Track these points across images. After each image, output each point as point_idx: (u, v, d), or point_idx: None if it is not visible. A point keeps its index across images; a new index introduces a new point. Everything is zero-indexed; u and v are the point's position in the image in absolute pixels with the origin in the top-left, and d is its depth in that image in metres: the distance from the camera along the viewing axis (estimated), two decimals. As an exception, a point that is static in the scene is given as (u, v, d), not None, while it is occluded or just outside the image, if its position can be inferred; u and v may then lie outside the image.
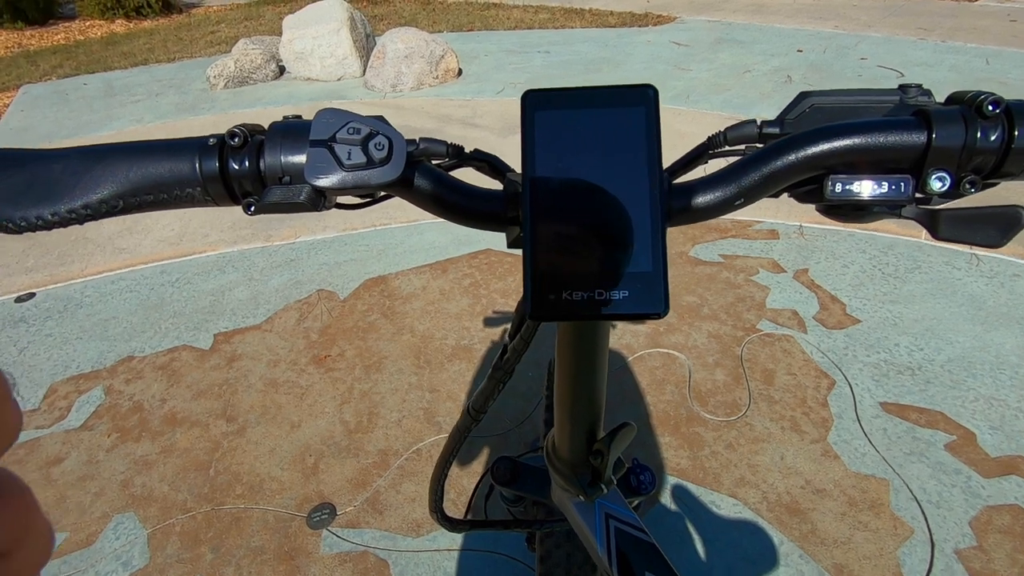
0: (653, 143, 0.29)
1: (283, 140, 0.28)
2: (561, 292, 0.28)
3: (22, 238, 2.68)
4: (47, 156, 0.29)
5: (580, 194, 0.28)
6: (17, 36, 7.27)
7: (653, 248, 0.27)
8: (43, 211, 0.27)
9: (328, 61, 4.72)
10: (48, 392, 1.81)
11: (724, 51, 4.84)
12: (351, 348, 1.92)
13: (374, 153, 0.27)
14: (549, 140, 0.29)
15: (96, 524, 1.41)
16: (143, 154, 0.29)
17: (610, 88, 0.29)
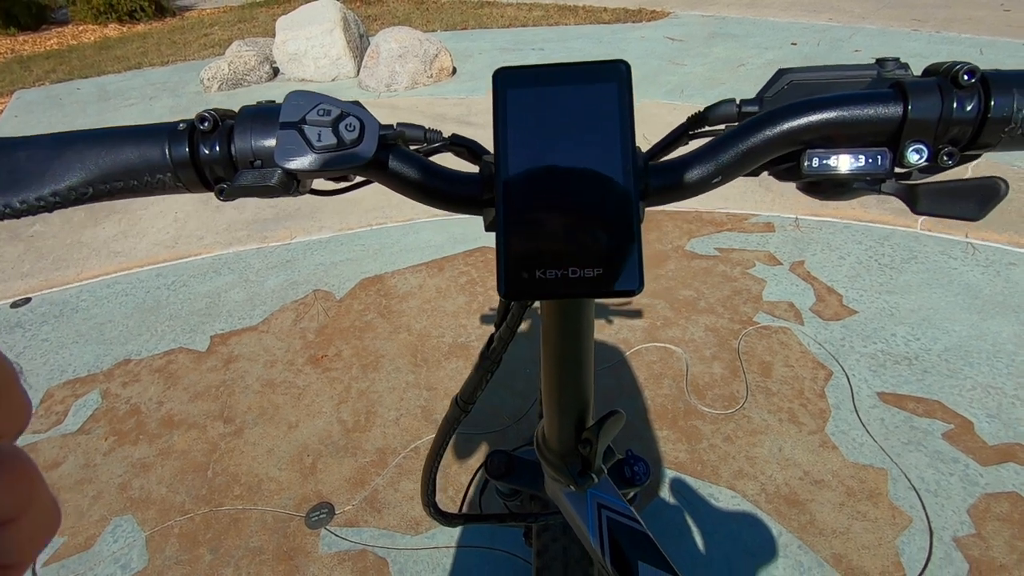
0: (626, 119, 0.28)
1: (253, 124, 0.28)
2: (535, 271, 0.27)
3: (18, 241, 2.67)
4: (12, 143, 0.28)
5: (553, 172, 0.28)
6: (10, 42, 7.25)
7: (627, 225, 0.27)
8: (10, 199, 0.27)
9: (322, 62, 4.71)
10: (45, 397, 1.81)
11: (718, 45, 4.84)
12: (348, 348, 1.91)
13: (345, 135, 0.27)
14: (521, 118, 0.29)
15: (94, 527, 1.41)
16: (112, 140, 0.28)
17: (582, 64, 0.29)
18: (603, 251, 0.27)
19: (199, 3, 9.18)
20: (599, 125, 0.28)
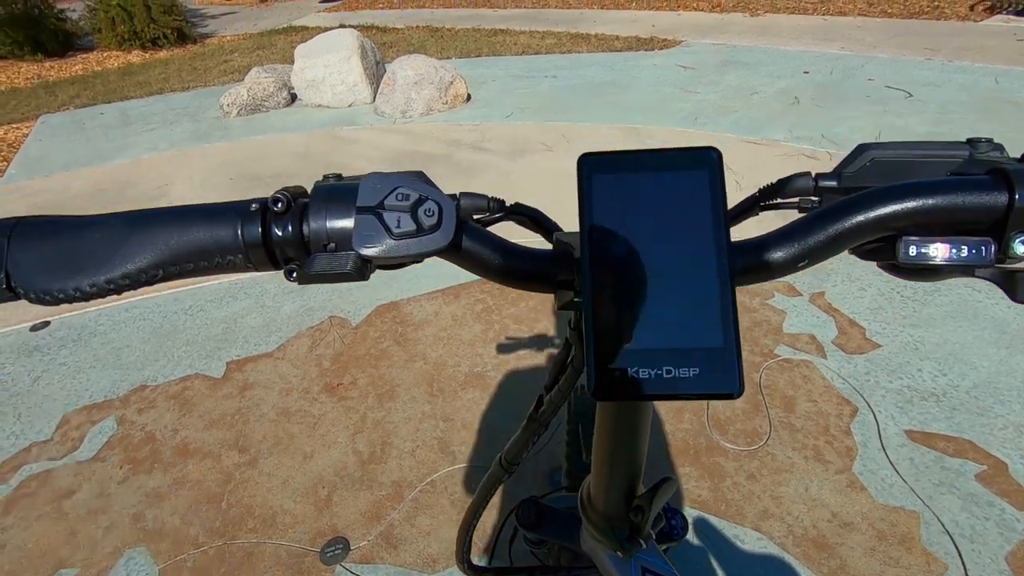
0: (719, 209, 0.27)
1: (328, 205, 0.27)
2: (627, 370, 0.26)
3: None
4: (84, 223, 0.28)
5: (643, 264, 0.27)
6: (37, 68, 7.47)
7: (723, 321, 0.26)
8: (81, 282, 0.27)
9: (339, 88, 4.80)
10: (61, 422, 1.81)
11: (730, 73, 4.88)
12: (364, 376, 1.90)
13: (424, 220, 0.26)
14: (607, 206, 0.28)
15: (107, 559, 1.39)
16: (183, 220, 0.28)
17: (671, 151, 0.28)
18: (699, 349, 0.26)
19: (219, 30, 9.43)
20: (690, 214, 0.27)
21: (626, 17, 7.83)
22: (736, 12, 7.51)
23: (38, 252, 0.27)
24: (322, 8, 10.97)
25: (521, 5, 9.56)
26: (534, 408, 0.51)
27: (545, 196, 2.99)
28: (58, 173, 3.90)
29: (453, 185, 3.20)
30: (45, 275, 0.27)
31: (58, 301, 0.27)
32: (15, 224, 0.28)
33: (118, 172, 3.80)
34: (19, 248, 0.27)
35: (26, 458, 1.69)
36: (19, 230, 0.28)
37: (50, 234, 0.27)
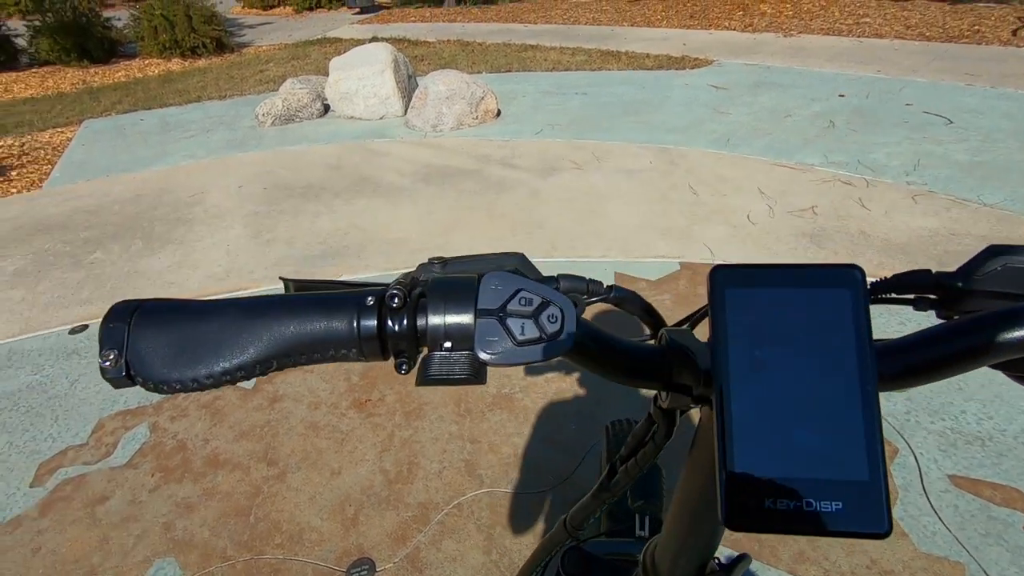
0: (863, 332, 0.26)
1: (447, 303, 0.27)
2: (763, 499, 0.25)
3: (79, 267, 2.78)
4: (202, 310, 0.28)
5: (781, 386, 0.26)
6: (83, 73, 7.74)
7: (869, 452, 0.25)
8: (198, 373, 0.27)
9: (371, 101, 4.88)
10: (96, 427, 1.84)
11: (763, 94, 4.84)
12: (391, 393, 1.91)
13: (547, 326, 0.26)
14: (742, 321, 0.27)
15: (137, 569, 1.41)
16: (299, 311, 0.28)
17: (810, 267, 0.27)
18: (842, 483, 0.25)
19: (256, 40, 9.69)
20: (832, 335, 0.26)
21: (657, 35, 7.83)
22: (769, 32, 7.46)
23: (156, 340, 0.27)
24: (355, 20, 11.20)
25: (552, 21, 9.63)
26: (606, 477, 0.50)
27: (575, 216, 2.98)
28: (99, 178, 4.02)
29: (480, 201, 3.23)
30: (162, 364, 0.27)
31: (174, 391, 0.27)
32: (136, 309, 0.28)
33: (156, 179, 3.91)
34: (138, 336, 0.27)
35: (62, 461, 1.73)
36: (139, 317, 0.28)
37: (168, 322, 0.28)
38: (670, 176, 3.38)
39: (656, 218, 2.90)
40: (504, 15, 10.62)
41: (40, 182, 4.05)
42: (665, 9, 9.90)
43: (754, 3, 9.57)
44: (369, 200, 3.32)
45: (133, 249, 2.95)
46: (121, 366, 0.27)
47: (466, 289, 0.27)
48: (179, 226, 3.17)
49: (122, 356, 0.27)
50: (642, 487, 0.81)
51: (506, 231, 2.88)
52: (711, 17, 8.81)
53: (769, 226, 2.75)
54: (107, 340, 0.27)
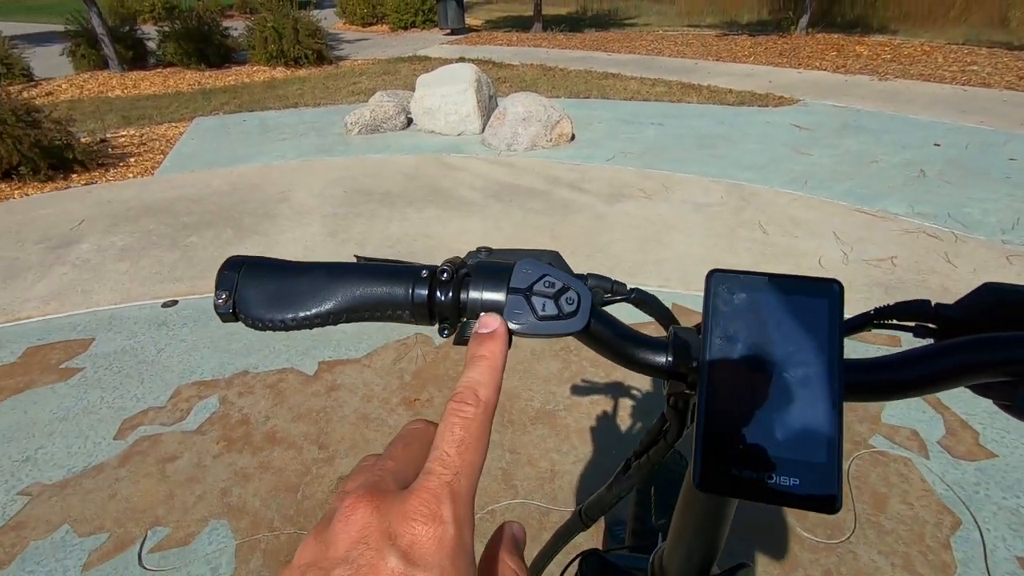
0: (835, 337, 0.30)
1: (486, 282, 0.32)
2: (730, 467, 0.29)
3: (176, 249, 3.06)
4: (295, 269, 0.35)
5: (757, 374, 0.30)
6: (198, 76, 8.53)
7: (829, 440, 0.28)
8: (286, 315, 0.33)
9: (452, 118, 5.09)
10: (174, 393, 2.02)
11: (849, 138, 4.66)
12: (440, 395, 1.98)
13: (564, 306, 0.30)
14: (730, 317, 0.31)
15: (195, 525, 1.53)
16: (369, 277, 0.34)
17: (795, 278, 0.31)
18: (801, 462, 0.28)
19: (352, 54, 10.34)
20: (808, 337, 0.30)
21: (742, 71, 7.72)
22: (863, 75, 7.19)
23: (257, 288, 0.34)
24: (446, 41, 11.73)
25: (635, 52, 9.70)
26: (621, 470, 0.53)
27: (637, 244, 2.99)
28: (202, 170, 4.41)
29: (545, 221, 3.29)
30: (259, 306, 0.33)
31: (265, 328, 0.34)
32: (244, 262, 0.35)
33: (250, 175, 4.25)
34: (245, 283, 0.34)
35: (142, 420, 1.91)
36: (246, 268, 0.35)
37: (267, 275, 0.34)
38: (740, 213, 3.32)
39: (721, 254, 2.86)
40: (588, 43, 10.80)
41: (153, 170, 4.49)
42: (754, 45, 9.74)
43: (849, 44, 9.25)
44: (440, 211, 3.46)
45: (223, 237, 3.22)
46: (229, 304, 0.34)
47: (502, 271, 0.32)
48: (265, 220, 3.43)
49: (231, 297, 0.34)
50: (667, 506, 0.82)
51: (567, 251, 2.92)
52: (802, 56, 8.58)
53: (841, 272, 2.65)
54: (221, 283, 0.34)
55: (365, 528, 0.20)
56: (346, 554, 0.20)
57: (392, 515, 0.21)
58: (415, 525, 0.20)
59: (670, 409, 0.44)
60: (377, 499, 0.21)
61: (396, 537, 0.20)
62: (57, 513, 1.58)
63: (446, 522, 0.21)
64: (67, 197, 3.94)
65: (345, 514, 0.21)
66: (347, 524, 0.21)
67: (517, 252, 0.36)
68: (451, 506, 0.21)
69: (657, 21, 14.53)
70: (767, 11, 13.17)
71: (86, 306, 2.57)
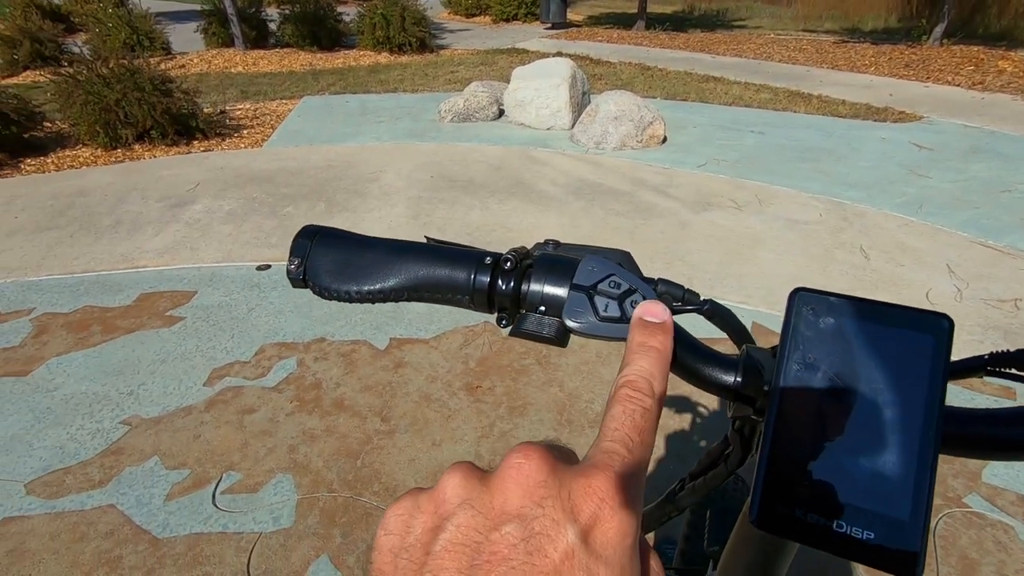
0: (937, 380, 0.26)
1: (548, 275, 0.31)
2: (794, 508, 0.26)
3: (274, 217, 3.28)
4: (363, 243, 0.36)
5: (837, 408, 0.26)
6: (310, 57, 9.07)
7: (915, 496, 0.24)
8: (351, 288, 0.34)
9: (543, 112, 5.09)
10: (258, 351, 2.17)
11: (978, 162, 4.19)
12: (501, 385, 1.99)
13: (628, 309, 0.29)
14: (812, 342, 0.28)
15: (263, 476, 1.64)
16: (432, 258, 0.34)
17: (897, 307, 0.27)
18: (880, 515, 0.25)
19: (453, 43, 10.58)
20: (904, 376, 0.26)
21: (860, 81, 7.15)
22: (1004, 93, 6.44)
23: (328, 258, 0.35)
24: (545, 35, 11.73)
25: (742, 55, 9.24)
26: (675, 489, 0.51)
27: (721, 256, 2.86)
28: (304, 145, 4.69)
29: (625, 223, 3.22)
30: (328, 276, 0.34)
31: (330, 298, 0.35)
32: (317, 232, 0.36)
33: (346, 154, 4.46)
34: (317, 252, 0.35)
35: (229, 371, 2.07)
36: (319, 238, 0.36)
37: (338, 246, 0.35)
38: (840, 234, 3.09)
39: (813, 275, 2.67)
40: (692, 44, 10.41)
41: (262, 142, 4.84)
42: (876, 55, 8.99)
43: (991, 59, 8.31)
44: (521, 203, 3.48)
45: (316, 209, 3.41)
46: (301, 271, 0.35)
47: (567, 266, 0.31)
48: (355, 197, 3.60)
49: (303, 264, 0.35)
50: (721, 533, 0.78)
51: (645, 256, 2.84)
52: (931, 69, 7.82)
53: (952, 310, 2.40)
54: (295, 250, 0.36)
55: (541, 487, 0.18)
56: (519, 511, 0.17)
57: (574, 486, 0.18)
58: (602, 506, 0.18)
59: (734, 433, 0.41)
60: (551, 460, 0.19)
61: (576, 512, 0.17)
62: (150, 445, 1.74)
63: (634, 514, 0.18)
64: (188, 161, 4.33)
65: (517, 463, 0.18)
66: (520, 475, 0.18)
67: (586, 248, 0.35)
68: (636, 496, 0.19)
69: (769, 24, 13.74)
70: (896, 18, 12.09)
71: (193, 261, 2.82)
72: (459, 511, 0.18)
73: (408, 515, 0.19)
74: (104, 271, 2.73)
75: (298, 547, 1.44)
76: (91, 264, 2.79)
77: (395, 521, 0.19)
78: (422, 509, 0.19)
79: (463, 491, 0.19)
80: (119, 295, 2.53)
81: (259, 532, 1.48)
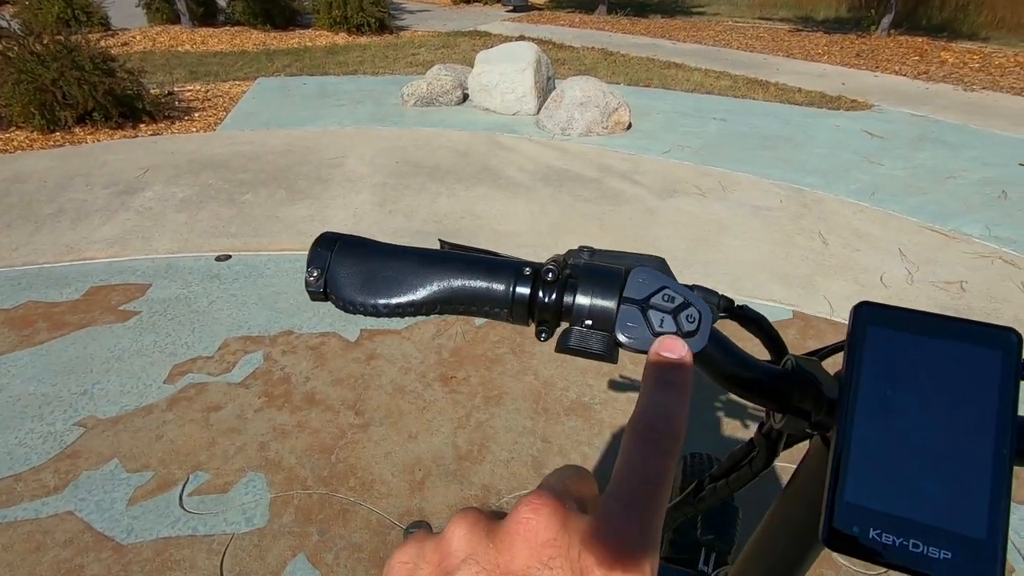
0: (1007, 395, 0.26)
1: (595, 287, 0.30)
2: (869, 528, 0.25)
3: (233, 205, 3.15)
4: (388, 252, 0.33)
5: (908, 425, 0.26)
6: (263, 36, 8.69)
7: (992, 511, 0.24)
8: (378, 301, 0.31)
9: (508, 97, 5.03)
10: (222, 345, 2.09)
11: (926, 150, 4.39)
12: (476, 375, 1.98)
13: (684, 324, 0.27)
14: (879, 357, 0.27)
15: (234, 475, 1.59)
16: (467, 267, 0.32)
17: (964, 321, 0.27)
18: (956, 535, 0.24)
19: (413, 25, 10.33)
20: (974, 391, 0.26)
21: (814, 70, 7.36)
22: (946, 83, 6.75)
23: (351, 269, 0.32)
24: (507, 17, 11.58)
25: (702, 41, 9.37)
26: (692, 492, 0.51)
27: (688, 242, 2.90)
28: (261, 129, 4.50)
29: (594, 210, 3.23)
30: (352, 289, 0.32)
31: (356, 312, 0.32)
32: (338, 240, 0.33)
33: (306, 138, 4.31)
34: (338, 262, 0.32)
35: (191, 367, 1.98)
36: (340, 247, 0.33)
37: (361, 256, 0.33)
38: (800, 220, 3.18)
39: (776, 261, 2.75)
40: (653, 29, 10.48)
41: (215, 126, 4.62)
42: (829, 44, 9.26)
43: (934, 49, 8.69)
44: (488, 190, 3.44)
45: (277, 197, 3.29)
46: (321, 284, 0.32)
47: (614, 277, 0.29)
48: (318, 183, 3.49)
49: (323, 276, 0.32)
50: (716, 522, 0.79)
51: (614, 243, 2.87)
52: (880, 58, 8.12)
53: (904, 293, 2.51)
54: (314, 260, 0.33)
55: (549, 546, 0.17)
56: (525, 571, 0.17)
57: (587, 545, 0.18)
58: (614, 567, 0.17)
59: (761, 437, 0.41)
60: (563, 514, 0.18)
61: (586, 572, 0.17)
62: (109, 447, 1.66)
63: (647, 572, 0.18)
64: (135, 145, 4.09)
65: (526, 518, 0.18)
66: (528, 531, 0.18)
67: (622, 255, 0.33)
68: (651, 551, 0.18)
69: (727, 11, 13.96)
70: (846, 8, 12.48)
71: (146, 252, 2.68)
72: (463, 567, 0.18)
73: (413, 564, 0.19)
74: (47, 263, 2.57)
75: (273, 547, 1.41)
76: (32, 256, 2.62)
77: (399, 570, 0.19)
78: (427, 559, 0.19)
79: (468, 545, 0.18)
80: (66, 289, 2.38)
81: (231, 533, 1.43)
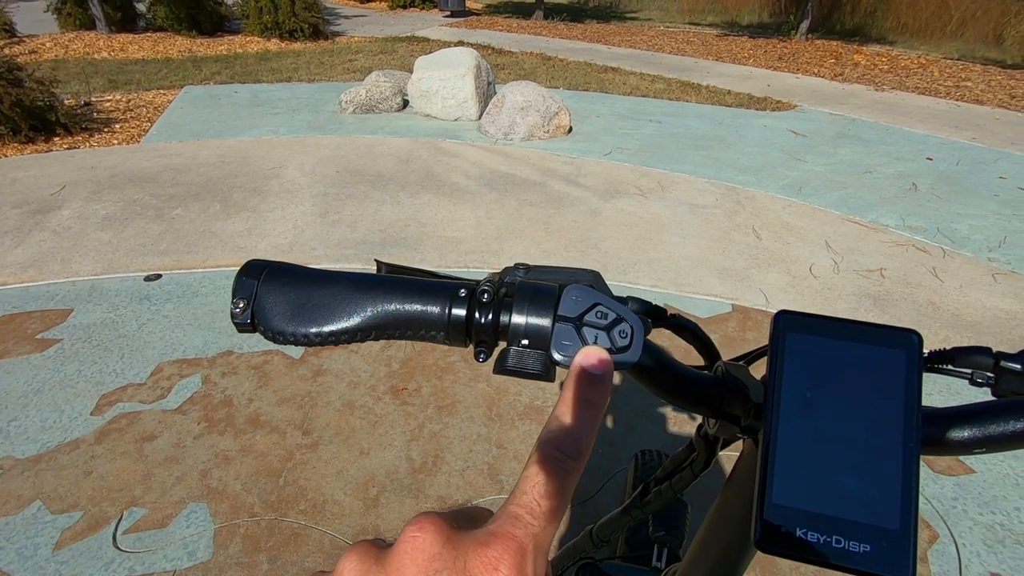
0: (912, 391, 0.28)
1: (531, 306, 0.30)
2: (795, 528, 0.27)
3: (161, 220, 2.98)
4: (319, 277, 0.32)
5: (827, 426, 0.28)
6: (189, 43, 8.30)
7: (903, 504, 0.26)
8: (310, 330, 0.30)
9: (449, 102, 5.02)
10: (155, 370, 1.97)
11: (844, 147, 4.69)
12: (428, 385, 1.96)
13: (617, 340, 0.28)
14: (798, 364, 0.29)
15: (173, 508, 1.50)
16: (402, 292, 0.31)
17: (870, 325, 0.29)
18: (873, 527, 0.26)
19: (349, 30, 10.12)
20: (881, 391, 0.28)
21: (741, 72, 7.72)
22: (860, 84, 7.23)
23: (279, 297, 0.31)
24: (445, 23, 11.55)
25: (636, 46, 9.65)
26: (639, 495, 0.52)
27: (631, 242, 2.98)
28: (191, 140, 4.30)
29: (540, 214, 3.27)
30: (281, 318, 0.31)
31: (286, 343, 0.31)
32: (265, 268, 0.32)
33: (241, 148, 4.15)
34: (265, 291, 0.31)
35: (121, 396, 1.86)
36: (267, 275, 0.32)
37: (290, 283, 0.31)
38: (735, 216, 3.33)
39: (714, 256, 2.86)
40: (589, 35, 10.71)
41: (139, 137, 4.37)
42: (754, 47, 9.74)
43: (848, 52, 9.30)
44: (433, 196, 3.42)
45: (211, 211, 3.14)
46: (248, 314, 0.31)
47: (549, 295, 0.30)
48: (255, 195, 3.36)
49: (249, 306, 0.31)
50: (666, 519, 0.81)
51: (560, 246, 2.90)
52: (800, 61, 8.61)
53: (832, 282, 2.67)
54: (239, 291, 0.31)
55: (435, 560, 0.18)
56: None
57: (469, 556, 0.18)
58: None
59: (699, 439, 0.42)
60: (447, 530, 0.19)
61: None
62: (29, 489, 1.53)
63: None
64: (48, 161, 3.82)
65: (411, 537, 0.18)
66: (414, 550, 0.18)
67: (556, 270, 0.34)
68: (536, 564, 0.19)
69: (659, 16, 14.45)
70: (768, 14, 13.17)
71: (65, 275, 2.49)
72: None
73: None
74: (-49, 292, 2.35)
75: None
76: (-67, 285, 2.39)
77: None
78: None
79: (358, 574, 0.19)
80: (-27, 319, 2.19)
81: (172, 570, 1.35)
